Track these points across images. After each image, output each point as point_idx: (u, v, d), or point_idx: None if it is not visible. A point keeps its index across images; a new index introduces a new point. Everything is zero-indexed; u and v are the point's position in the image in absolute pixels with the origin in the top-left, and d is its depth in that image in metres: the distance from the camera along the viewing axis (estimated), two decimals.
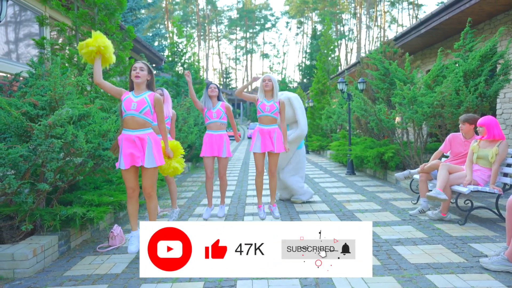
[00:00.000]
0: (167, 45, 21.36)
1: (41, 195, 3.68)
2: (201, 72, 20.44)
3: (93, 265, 3.57)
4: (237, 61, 70.42)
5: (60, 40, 6.75)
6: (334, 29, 58.58)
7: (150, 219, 3.81)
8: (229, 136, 34.04)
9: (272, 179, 5.04)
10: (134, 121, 3.47)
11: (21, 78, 4.74)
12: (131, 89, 3.61)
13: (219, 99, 5.18)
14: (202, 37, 66.44)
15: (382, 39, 50.60)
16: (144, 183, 3.62)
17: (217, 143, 4.98)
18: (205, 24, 65.95)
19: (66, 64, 5.89)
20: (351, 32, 63.21)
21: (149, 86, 3.63)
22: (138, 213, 4.40)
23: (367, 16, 60.78)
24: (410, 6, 57.07)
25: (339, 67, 26.80)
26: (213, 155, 5.01)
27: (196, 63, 16.31)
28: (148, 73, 3.61)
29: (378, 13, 59.65)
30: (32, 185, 3.66)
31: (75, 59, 6.07)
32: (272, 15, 68.25)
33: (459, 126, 5.14)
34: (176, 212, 5.18)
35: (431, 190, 5.03)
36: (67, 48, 6.24)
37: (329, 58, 21.28)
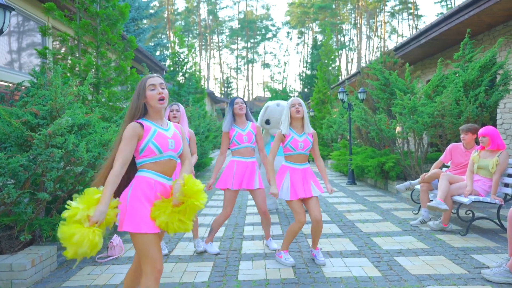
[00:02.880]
0: (168, 54, 21.48)
1: (40, 205, 3.67)
2: (202, 82, 20.52)
3: (91, 275, 3.55)
4: (238, 70, 70.72)
5: (63, 50, 6.80)
6: (335, 39, 58.91)
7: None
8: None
9: (318, 225, 3.63)
10: (172, 165, 2.37)
11: (23, 88, 4.76)
12: (141, 114, 2.36)
13: (247, 118, 4.15)
14: (203, 47, 66.84)
15: (382, 49, 50.90)
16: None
17: (249, 172, 4.02)
18: (207, 34, 66.38)
19: (68, 74, 5.93)
20: (351, 42, 63.58)
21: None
22: None
23: (368, 26, 61.17)
24: (410, 17, 57.44)
25: (340, 77, 26.90)
26: (240, 188, 4.01)
27: (198, 73, 16.38)
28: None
29: (378, 23, 60.04)
30: (32, 194, 3.65)
31: (77, 68, 6.10)
32: (273, 25, 68.64)
33: (461, 136, 5.14)
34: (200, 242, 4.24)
35: (432, 200, 5.01)
36: (69, 58, 6.28)
37: (330, 68, 21.37)
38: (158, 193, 2.27)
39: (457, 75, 6.96)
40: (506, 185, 4.76)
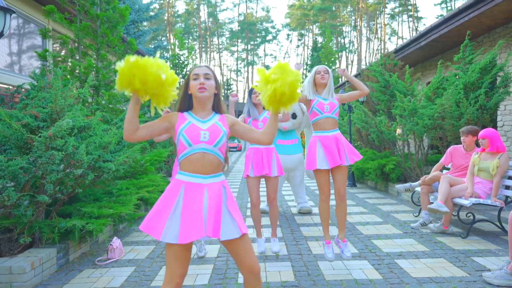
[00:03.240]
0: (168, 57, 21.52)
1: (40, 207, 3.66)
2: None
3: (91, 278, 3.54)
4: (238, 72, 70.84)
5: (63, 53, 6.81)
6: (335, 42, 58.97)
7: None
8: (232, 148, 34.17)
9: (342, 204, 3.68)
10: (206, 161, 2.10)
11: (23, 90, 4.77)
12: (185, 107, 2.22)
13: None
14: (203, 49, 66.95)
15: (382, 51, 50.91)
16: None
17: (267, 159, 4.00)
18: (207, 36, 66.50)
19: (68, 76, 5.93)
20: (351, 44, 63.67)
21: (217, 104, 2.27)
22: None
23: (368, 28, 61.26)
24: (410, 19, 57.53)
25: (340, 79, 26.90)
26: (261, 174, 4.01)
27: None
28: (216, 84, 2.24)
29: (378, 25, 60.12)
30: (32, 197, 3.64)
31: (77, 71, 6.11)
32: (273, 27, 68.82)
33: (462, 138, 5.13)
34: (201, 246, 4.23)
35: (432, 203, 5.00)
36: (69, 60, 6.29)
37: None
38: None
39: (457, 77, 6.96)
40: (507, 187, 4.75)
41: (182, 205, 2.01)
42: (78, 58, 6.28)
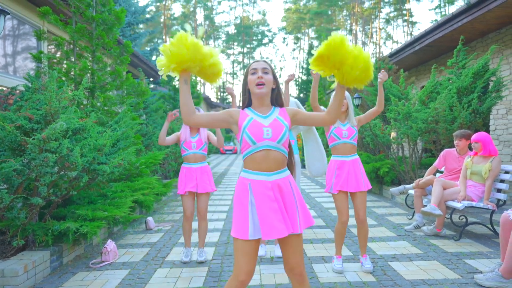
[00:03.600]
0: None
1: (34, 210, 3.65)
2: (198, 87, 20.54)
3: (85, 281, 3.53)
4: (235, 75, 70.90)
5: (58, 54, 6.80)
6: None
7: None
8: (227, 151, 34.18)
9: (363, 226, 3.68)
10: (270, 159, 2.08)
11: (17, 92, 4.75)
12: (247, 101, 2.21)
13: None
14: None
15: (377, 55, 51.16)
16: (292, 261, 2.18)
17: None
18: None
19: (63, 78, 5.92)
20: None
21: (276, 99, 2.23)
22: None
23: (363, 32, 61.58)
24: (405, 24, 57.90)
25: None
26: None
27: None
28: (274, 78, 2.20)
29: (374, 30, 60.46)
30: (25, 199, 3.63)
31: (72, 73, 6.09)
32: (269, 30, 68.91)
33: (455, 142, 5.18)
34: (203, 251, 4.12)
35: (426, 206, 5.04)
36: (64, 62, 6.27)
37: None
38: None
39: (450, 81, 7.02)
40: (499, 190, 4.79)
41: (255, 204, 2.04)
42: (73, 60, 6.27)
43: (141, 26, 25.80)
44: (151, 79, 16.68)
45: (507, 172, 4.75)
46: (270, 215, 2.01)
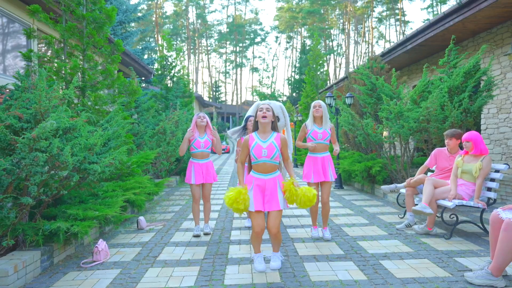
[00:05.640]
0: (156, 58, 21.41)
1: (24, 210, 3.61)
2: (191, 85, 20.48)
3: (76, 281, 3.50)
4: (227, 74, 70.80)
5: (49, 53, 6.73)
6: (323, 44, 59.37)
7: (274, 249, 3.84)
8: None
9: (325, 207, 4.78)
10: (266, 167, 3.49)
11: (7, 91, 4.70)
12: (255, 129, 3.60)
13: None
14: (192, 51, 66.71)
15: (370, 55, 51.45)
16: (271, 224, 3.46)
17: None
18: (195, 38, 66.28)
19: (54, 77, 5.86)
20: (339, 47, 64.12)
21: (274, 127, 3.57)
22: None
23: (355, 32, 61.81)
24: (397, 23, 58.22)
25: (328, 82, 27.06)
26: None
27: (186, 76, 16.34)
28: (273, 114, 3.56)
29: (366, 29, 60.71)
30: (15, 199, 3.59)
31: (63, 72, 6.04)
32: (261, 29, 68.92)
33: (446, 141, 5.22)
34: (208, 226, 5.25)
35: (417, 204, 5.07)
36: (55, 61, 6.21)
37: (318, 73, 21.53)
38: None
39: (442, 80, 7.07)
40: (489, 189, 4.84)
41: (253, 190, 3.47)
42: (63, 58, 6.21)
43: (132, 24, 25.65)
44: (143, 78, 16.59)
45: (497, 171, 4.80)
46: (259, 198, 3.45)
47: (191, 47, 66.36)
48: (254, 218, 3.45)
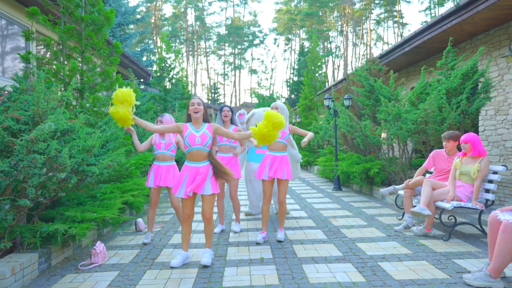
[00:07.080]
0: (155, 60, 21.41)
1: (21, 212, 3.60)
2: (190, 87, 20.50)
3: (74, 283, 3.49)
4: (226, 76, 70.78)
5: (48, 55, 6.72)
6: (321, 46, 59.44)
7: (206, 243, 4.00)
8: None
9: (281, 207, 4.84)
10: (200, 154, 3.78)
11: (5, 92, 4.69)
12: (188, 120, 3.90)
13: (232, 122, 5.28)
14: (190, 53, 66.69)
15: (368, 56, 51.51)
16: (205, 208, 3.85)
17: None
18: (194, 40, 66.29)
19: (52, 79, 5.86)
20: (338, 49, 64.19)
21: (205, 119, 3.89)
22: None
23: (354, 34, 61.89)
24: (395, 25, 58.34)
25: (326, 84, 27.12)
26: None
27: (184, 78, 16.35)
28: (204, 108, 3.88)
29: (364, 31, 60.83)
30: (13, 201, 3.58)
31: (61, 74, 6.03)
32: (260, 31, 68.87)
33: (443, 143, 5.23)
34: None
35: (415, 206, 5.07)
36: (53, 62, 6.20)
37: (316, 75, 21.56)
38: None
39: (440, 82, 7.09)
40: (487, 190, 4.84)
41: (187, 177, 3.77)
42: (62, 60, 6.21)
43: (131, 26, 25.65)
44: (141, 80, 16.59)
45: (495, 173, 4.81)
46: (189, 184, 3.74)
47: (190, 49, 66.35)
48: (184, 205, 3.83)
